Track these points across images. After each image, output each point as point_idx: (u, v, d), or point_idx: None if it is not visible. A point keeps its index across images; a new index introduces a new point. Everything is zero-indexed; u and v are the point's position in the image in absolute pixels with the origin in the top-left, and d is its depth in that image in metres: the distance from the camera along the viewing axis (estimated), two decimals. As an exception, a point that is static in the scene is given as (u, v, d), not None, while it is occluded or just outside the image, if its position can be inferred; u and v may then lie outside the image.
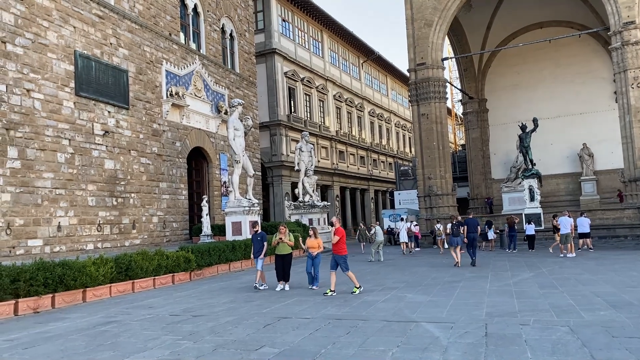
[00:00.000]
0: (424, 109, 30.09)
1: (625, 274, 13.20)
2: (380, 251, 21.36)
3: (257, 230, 13.63)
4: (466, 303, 10.08)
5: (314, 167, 30.67)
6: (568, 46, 35.87)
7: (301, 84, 39.95)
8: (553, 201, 34.92)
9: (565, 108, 36.65)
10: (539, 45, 34.53)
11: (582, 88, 36.40)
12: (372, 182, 51.76)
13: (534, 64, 37.72)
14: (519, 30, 37.90)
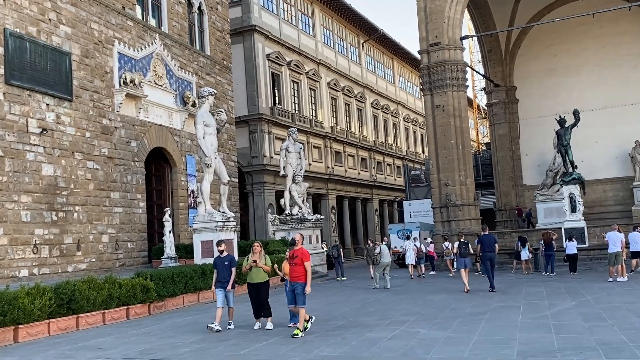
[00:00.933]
0: (438, 99, 30.19)
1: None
2: (387, 276, 21.35)
3: (223, 252, 13.02)
4: (493, 340, 10.05)
5: (303, 171, 30.64)
6: (615, 22, 36.22)
7: (287, 68, 40.03)
8: (599, 212, 35.11)
9: (613, 98, 36.96)
10: (580, 20, 34.78)
11: (634, 73, 36.76)
12: (376, 190, 51.85)
13: (574, 44, 38.05)
14: (555, 2, 38.27)
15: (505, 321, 12.06)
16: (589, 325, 11.02)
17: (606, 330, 10.44)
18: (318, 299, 18.60)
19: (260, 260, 12.42)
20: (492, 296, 16.75)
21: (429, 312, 14.13)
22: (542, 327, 11.13)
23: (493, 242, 18.54)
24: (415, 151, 62.29)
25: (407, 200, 42.67)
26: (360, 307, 15.80)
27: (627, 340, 9.36)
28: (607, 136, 36.94)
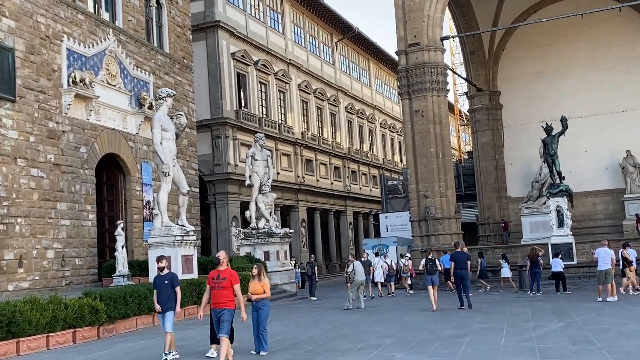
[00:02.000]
0: (417, 103, 30.46)
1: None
2: (361, 295, 21.38)
3: (164, 270, 12.37)
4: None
5: (271, 181, 30.57)
6: (606, 23, 37.03)
7: (255, 69, 40.02)
8: (589, 227, 35.71)
9: (603, 104, 37.69)
10: (568, 21, 35.48)
11: (625, 77, 37.57)
12: (351, 202, 52.00)
13: (562, 46, 38.76)
14: (542, 1, 38.99)
15: (488, 344, 12.16)
16: (577, 348, 11.18)
17: (595, 354, 10.60)
18: (286, 320, 18.55)
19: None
20: (474, 317, 16.90)
21: (406, 334, 14.19)
22: (526, 350, 11.25)
23: (466, 259, 19.59)
24: (392, 160, 62.67)
25: (383, 213, 42.86)
26: (331, 330, 15.80)
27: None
28: (596, 145, 37.61)
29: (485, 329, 14.45)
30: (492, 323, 15.48)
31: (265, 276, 12.52)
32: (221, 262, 11.11)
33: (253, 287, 12.22)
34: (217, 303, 10.89)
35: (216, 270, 11.14)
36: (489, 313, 17.84)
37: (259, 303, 12.13)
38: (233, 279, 10.92)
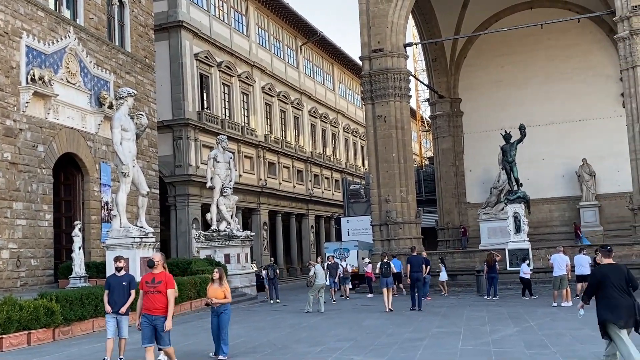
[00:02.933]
0: (380, 109, 30.66)
1: (632, 328, 13.83)
2: (322, 298, 21.40)
3: (121, 270, 11.90)
4: (432, 368, 10.20)
5: (233, 183, 30.43)
6: (565, 33, 37.81)
7: (218, 70, 39.79)
8: (545, 233, 36.36)
9: (561, 113, 38.45)
10: (528, 31, 36.16)
11: (583, 87, 38.39)
12: (313, 206, 52.05)
13: (522, 55, 39.44)
14: (503, 10, 39.62)
15: (445, 348, 12.27)
16: (532, 352, 11.35)
17: (549, 358, 10.78)
18: (245, 324, 18.46)
19: None
20: (432, 321, 17.04)
21: (365, 338, 14.24)
22: (483, 354, 11.38)
23: (421, 263, 20.98)
24: (355, 164, 62.95)
25: (345, 217, 42.99)
26: (291, 333, 15.77)
27: (569, 369, 9.69)
28: (554, 153, 38.33)
29: (443, 333, 14.59)
30: (450, 327, 15.63)
31: (225, 280, 12.28)
32: (156, 264, 10.24)
33: (214, 292, 11.93)
34: (152, 309, 9.93)
35: (150, 273, 10.25)
36: (447, 317, 18.03)
37: (220, 307, 11.89)
38: (169, 282, 10.07)
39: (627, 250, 26.91)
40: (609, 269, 8.87)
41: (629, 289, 8.65)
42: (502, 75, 40.12)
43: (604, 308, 8.61)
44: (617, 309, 8.48)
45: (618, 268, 8.90)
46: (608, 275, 8.71)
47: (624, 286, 8.61)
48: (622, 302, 8.51)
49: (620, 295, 8.55)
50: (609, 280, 8.63)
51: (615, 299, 8.54)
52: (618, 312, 8.46)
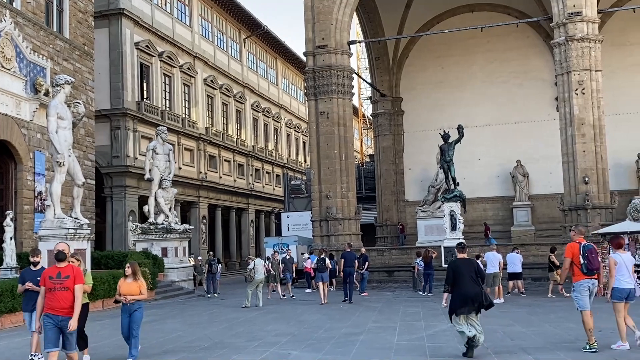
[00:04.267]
0: (323, 105, 30.75)
1: (561, 326, 14.29)
2: (259, 293, 21.33)
3: (38, 264, 10.96)
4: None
5: (172, 176, 30.04)
6: (504, 37, 38.69)
7: (159, 60, 39.11)
8: (479, 231, 37.18)
9: (498, 115, 39.35)
10: (469, 33, 36.87)
11: (519, 91, 39.39)
12: (253, 200, 51.81)
13: (462, 57, 40.17)
14: (444, 12, 40.26)
15: (381, 342, 12.41)
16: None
17: (481, 353, 10.99)
18: (181, 318, 18.27)
19: None
20: (368, 316, 17.22)
21: (303, 332, 14.27)
22: (417, 349, 11.56)
23: (354, 258, 22.41)
24: (296, 159, 62.94)
25: (285, 212, 42.95)
26: (228, 328, 15.67)
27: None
28: (489, 154, 39.23)
29: (379, 328, 14.75)
30: (386, 322, 15.82)
31: (141, 275, 11.19)
32: (66, 257, 9.17)
33: (127, 287, 10.85)
34: (57, 308, 8.82)
35: (55, 267, 9.08)
36: (383, 312, 18.24)
37: (134, 305, 10.82)
38: (77, 277, 8.98)
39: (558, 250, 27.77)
40: (462, 262, 10.74)
41: (478, 279, 10.55)
42: (442, 76, 40.76)
43: (456, 297, 10.44)
44: (466, 297, 10.32)
45: (469, 262, 10.83)
46: (461, 268, 10.57)
47: (474, 277, 10.48)
48: (471, 290, 10.34)
49: (470, 285, 10.37)
50: (462, 272, 10.47)
51: (465, 287, 10.36)
52: (467, 300, 10.31)
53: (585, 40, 27.90)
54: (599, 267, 11.11)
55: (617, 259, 11.05)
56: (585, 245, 11.02)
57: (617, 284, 10.88)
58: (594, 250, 11.05)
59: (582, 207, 27.61)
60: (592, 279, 10.88)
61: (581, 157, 27.89)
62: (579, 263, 10.85)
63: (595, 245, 11.54)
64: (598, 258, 11.16)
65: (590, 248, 11.00)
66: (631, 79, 36.59)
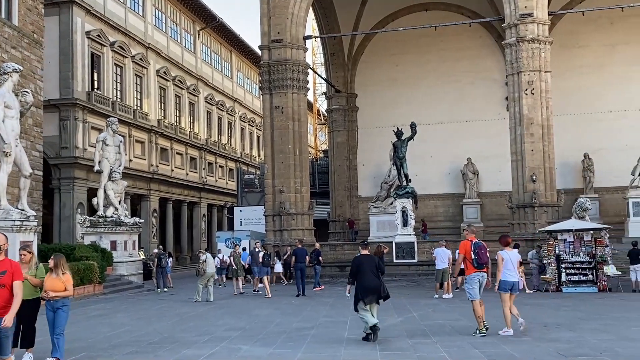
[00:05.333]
0: (278, 100, 30.70)
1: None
2: (211, 288, 21.20)
3: None
4: (317, 357, 10.36)
5: (122, 168, 29.59)
6: (457, 37, 39.22)
7: (111, 50, 38.39)
8: (430, 227, 37.73)
9: (449, 113, 39.92)
10: (423, 32, 37.30)
11: (471, 90, 40.03)
12: (206, 194, 51.38)
13: (416, 56, 40.60)
14: (400, 10, 40.60)
15: (332, 337, 12.49)
16: (413, 342, 11.75)
17: (429, 347, 11.20)
18: (130, 312, 18.04)
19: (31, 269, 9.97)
20: (319, 310, 17.29)
21: (254, 327, 14.24)
22: (367, 343, 11.65)
23: (305, 254, 23.22)
24: (250, 154, 62.66)
25: (238, 207, 42.73)
26: (178, 322, 15.53)
27: (448, 358, 10.12)
28: (441, 152, 39.79)
29: (330, 322, 14.83)
30: (337, 317, 15.91)
31: (66, 270, 10.13)
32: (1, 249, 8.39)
33: (52, 283, 9.89)
34: None
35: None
36: (334, 307, 18.33)
37: (57, 302, 9.93)
38: (16, 273, 8.28)
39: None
40: (364, 258, 12.11)
41: (378, 273, 11.87)
42: (396, 73, 41.12)
43: (359, 289, 11.74)
44: (368, 289, 11.67)
45: (371, 257, 12.23)
46: (363, 263, 11.90)
47: (375, 271, 11.79)
48: (372, 283, 11.71)
49: (371, 278, 11.72)
50: (364, 267, 11.79)
51: (366, 280, 11.70)
52: (368, 291, 11.65)
53: (535, 42, 28.51)
54: (487, 262, 12.44)
55: (504, 255, 12.42)
56: (475, 242, 12.42)
57: (504, 277, 12.28)
58: (484, 247, 12.43)
59: (530, 205, 28.26)
60: (481, 272, 12.34)
61: (529, 156, 28.52)
62: (471, 258, 12.29)
63: (484, 243, 12.79)
64: (487, 254, 12.49)
65: (480, 245, 12.41)
66: (578, 81, 37.59)
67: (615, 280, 22.16)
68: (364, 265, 11.83)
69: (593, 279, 21.97)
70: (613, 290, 21.78)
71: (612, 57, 38.01)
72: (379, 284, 11.76)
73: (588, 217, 25.31)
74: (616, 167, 36.35)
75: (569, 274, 22.21)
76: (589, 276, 22.07)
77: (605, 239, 22.49)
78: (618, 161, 36.30)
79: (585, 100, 37.46)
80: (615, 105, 37.39)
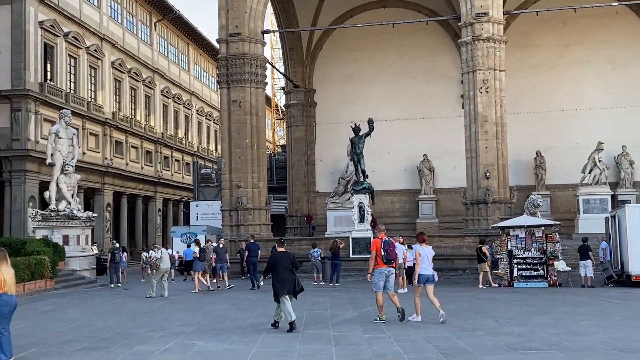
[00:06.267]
0: (236, 94, 30.52)
1: (461, 315, 14.83)
2: (165, 283, 20.99)
3: None
4: (272, 352, 10.36)
5: (75, 161, 29.10)
6: (414, 34, 39.58)
7: (64, 40, 37.64)
8: (386, 223, 37.45)
9: (406, 110, 40.24)
10: (381, 29, 37.44)
11: (427, 87, 40.42)
12: (161, 188, 50.82)
13: (374, 52, 40.80)
14: (358, 7, 40.76)
15: (287, 332, 12.48)
16: (368, 337, 11.83)
17: (384, 341, 11.29)
18: (82, 308, 17.77)
19: None
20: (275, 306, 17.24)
21: (209, 322, 14.17)
22: (322, 338, 11.71)
23: (257, 249, 23.87)
24: (207, 148, 62.17)
25: (195, 201, 42.40)
26: (131, 318, 15.34)
27: (402, 352, 10.21)
28: (398, 148, 40.11)
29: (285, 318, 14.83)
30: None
31: (7, 265, 9.35)
32: None
33: None
34: None
35: None
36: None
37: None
38: None
39: (459, 241, 28.88)
40: (280, 254, 13.15)
41: (293, 268, 12.81)
42: (354, 69, 41.27)
43: (276, 282, 12.67)
44: (283, 282, 12.62)
45: (286, 254, 13.19)
46: (279, 259, 12.89)
47: (290, 267, 12.75)
48: (287, 277, 12.65)
49: (286, 273, 12.68)
50: (280, 263, 12.77)
51: (283, 275, 12.66)
52: (284, 285, 12.59)
53: (490, 41, 28.97)
54: (395, 258, 13.70)
55: (421, 251, 13.61)
56: (385, 240, 13.46)
57: (420, 271, 13.52)
58: (392, 245, 13.55)
59: (483, 202, 28.75)
60: (389, 267, 13.44)
61: (483, 153, 28.99)
62: (381, 255, 13.30)
63: (393, 240, 14.06)
64: (395, 250, 13.66)
65: (389, 242, 13.49)
66: (532, 80, 38.32)
67: (565, 275, 22.73)
68: (280, 262, 12.80)
69: (544, 274, 22.48)
70: (563, 285, 22.32)
71: (564, 57, 38.86)
72: (294, 279, 12.71)
73: (539, 214, 25.95)
74: (567, 165, 37.29)
75: (520, 269, 22.70)
76: (539, 271, 22.59)
77: (555, 235, 23.02)
78: (569, 159, 37.25)
79: (538, 99, 38.22)
80: (567, 105, 38.25)
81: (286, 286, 12.62)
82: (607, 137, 36.11)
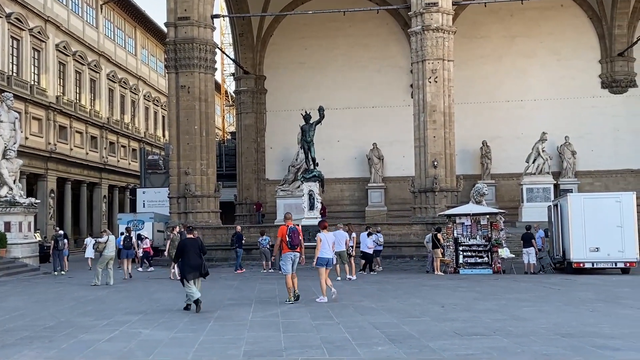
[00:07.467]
0: (184, 79, 30.12)
1: (407, 302, 15.07)
2: (110, 271, 20.66)
3: None
4: (220, 340, 10.30)
5: (18, 146, 28.35)
6: (365, 23, 39.74)
7: (7, 22, 36.51)
8: (336, 211, 38.23)
9: (356, 99, 40.46)
10: (332, 17, 37.48)
11: (377, 77, 40.68)
12: (107, 175, 49.91)
13: (325, 40, 40.79)
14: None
15: (235, 320, 12.45)
16: (316, 323, 11.89)
17: (332, 328, 11.37)
18: (25, 296, 17.37)
19: None
20: (224, 293, 17.20)
21: (155, 310, 14.03)
22: (271, 325, 11.71)
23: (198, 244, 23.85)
24: (154, 134, 61.23)
25: (141, 188, 41.77)
26: (75, 306, 15.05)
27: (350, 338, 10.30)
28: (348, 136, 40.32)
29: (234, 305, 14.80)
30: (242, 300, 15.88)
31: None
32: None
33: None
34: None
35: None
36: (239, 290, 18.31)
37: None
38: None
39: (407, 229, 29.26)
40: (189, 241, 14.01)
41: (200, 253, 13.77)
42: (305, 57, 41.19)
43: (184, 266, 13.62)
44: (191, 266, 13.54)
45: (194, 240, 14.04)
46: (188, 245, 13.77)
47: (198, 252, 13.71)
48: (195, 262, 13.58)
49: (194, 258, 13.59)
50: (188, 248, 13.65)
51: (190, 260, 13.56)
52: (191, 269, 13.51)
53: (440, 31, 29.29)
54: (300, 243, 14.77)
55: (322, 237, 15.06)
56: (291, 227, 14.69)
57: (320, 255, 14.90)
58: (297, 232, 14.70)
59: (431, 190, 29.17)
60: (294, 252, 14.64)
61: (432, 142, 29.38)
62: (286, 240, 14.53)
63: (298, 227, 15.11)
64: (299, 237, 14.80)
65: (294, 229, 14.68)
66: (479, 70, 39.00)
67: (509, 262, 23.28)
68: (188, 247, 13.70)
69: (488, 262, 22.99)
70: (507, 272, 22.87)
71: (510, 49, 39.65)
72: (201, 263, 13.66)
73: (485, 202, 26.50)
74: (512, 155, 38.15)
75: (466, 257, 23.15)
76: (484, 259, 23.09)
77: (500, 223, 23.53)
78: (514, 149, 38.11)
79: (484, 90, 38.92)
80: (513, 95, 39.08)
81: (194, 270, 13.51)
82: (551, 127, 37.12)
